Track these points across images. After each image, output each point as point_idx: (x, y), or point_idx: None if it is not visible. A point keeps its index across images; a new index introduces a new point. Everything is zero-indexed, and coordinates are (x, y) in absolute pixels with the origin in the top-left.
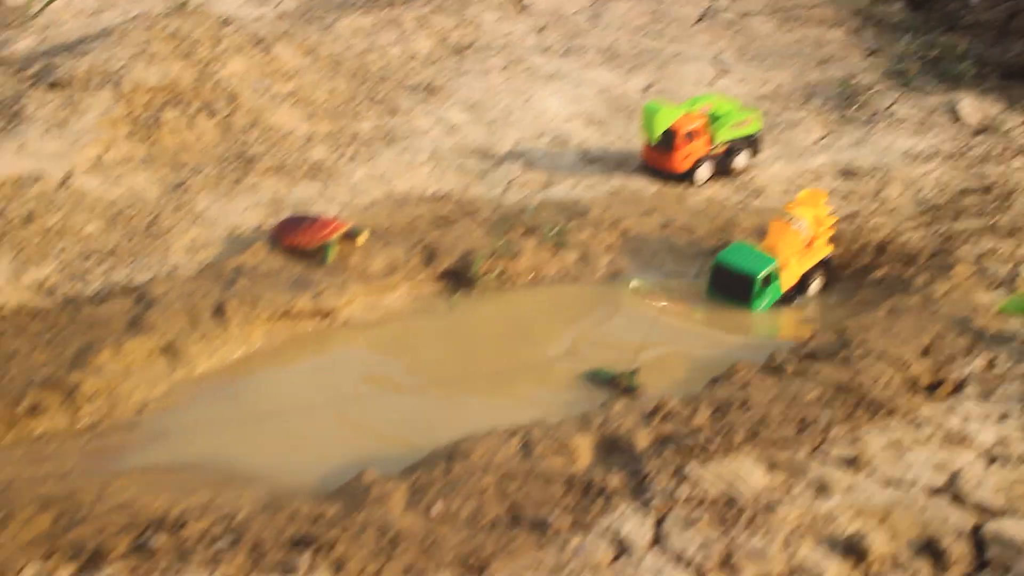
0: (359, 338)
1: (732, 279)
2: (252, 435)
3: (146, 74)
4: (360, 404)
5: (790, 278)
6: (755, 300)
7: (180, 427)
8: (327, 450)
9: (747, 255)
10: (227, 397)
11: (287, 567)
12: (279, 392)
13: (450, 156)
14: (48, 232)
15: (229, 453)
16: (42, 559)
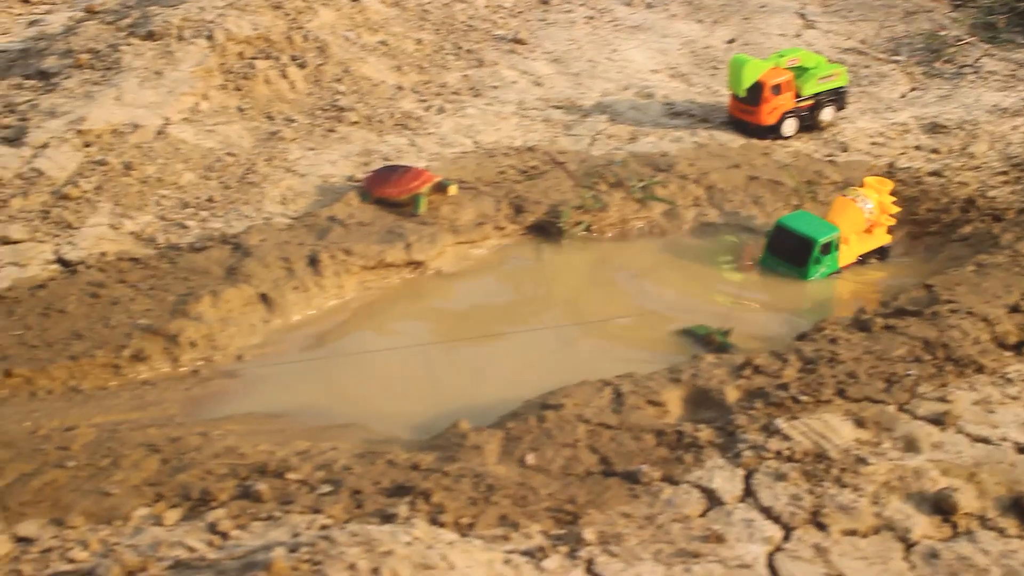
0: (450, 288)
1: (791, 243)
2: (345, 384)
3: (238, 25)
4: (451, 354)
5: (848, 255)
6: (811, 266)
7: (276, 375)
8: (420, 399)
9: (811, 221)
10: (321, 346)
11: (386, 514)
12: (371, 342)
13: (536, 108)
14: (146, 181)
15: (323, 402)
16: (151, 502)
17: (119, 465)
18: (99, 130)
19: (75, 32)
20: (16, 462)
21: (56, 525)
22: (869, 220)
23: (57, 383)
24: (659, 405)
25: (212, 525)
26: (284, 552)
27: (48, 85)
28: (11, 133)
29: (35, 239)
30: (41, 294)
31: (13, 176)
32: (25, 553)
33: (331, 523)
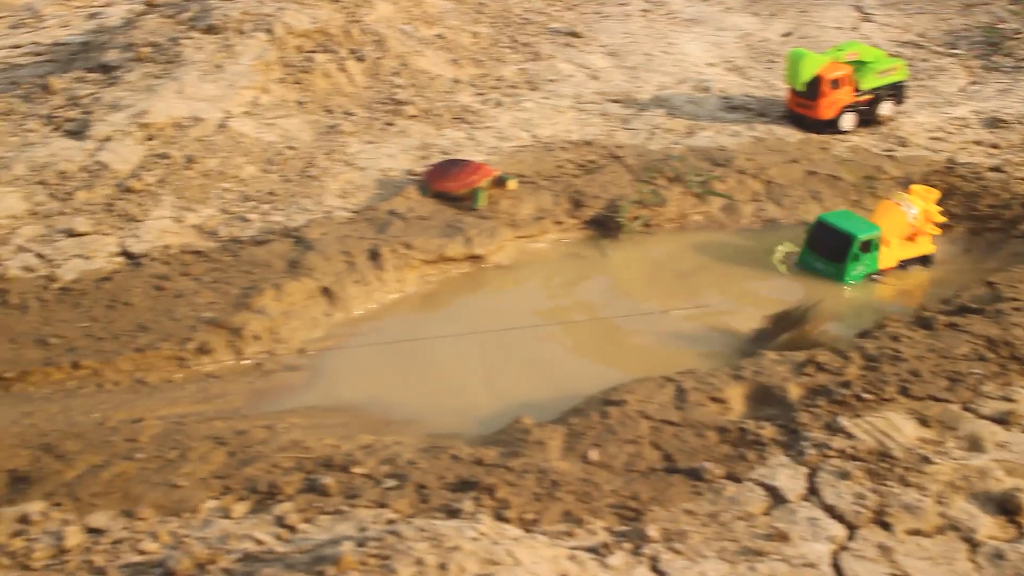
0: (510, 283)
1: (831, 239)
2: (407, 378)
3: (297, 18)
4: (512, 348)
5: (888, 259)
6: (850, 263)
7: (339, 369)
8: (481, 394)
9: (852, 219)
10: (382, 340)
11: (451, 509)
12: (433, 335)
13: (593, 102)
14: (208, 175)
15: (386, 396)
16: (219, 495)
17: (187, 457)
18: (161, 123)
19: (136, 25)
20: (86, 453)
21: (126, 516)
22: (913, 226)
23: (124, 375)
24: (721, 402)
25: (280, 518)
26: (352, 546)
27: (110, 78)
28: (75, 126)
29: (100, 231)
30: (107, 286)
31: (78, 169)
32: (96, 544)
33: (397, 517)
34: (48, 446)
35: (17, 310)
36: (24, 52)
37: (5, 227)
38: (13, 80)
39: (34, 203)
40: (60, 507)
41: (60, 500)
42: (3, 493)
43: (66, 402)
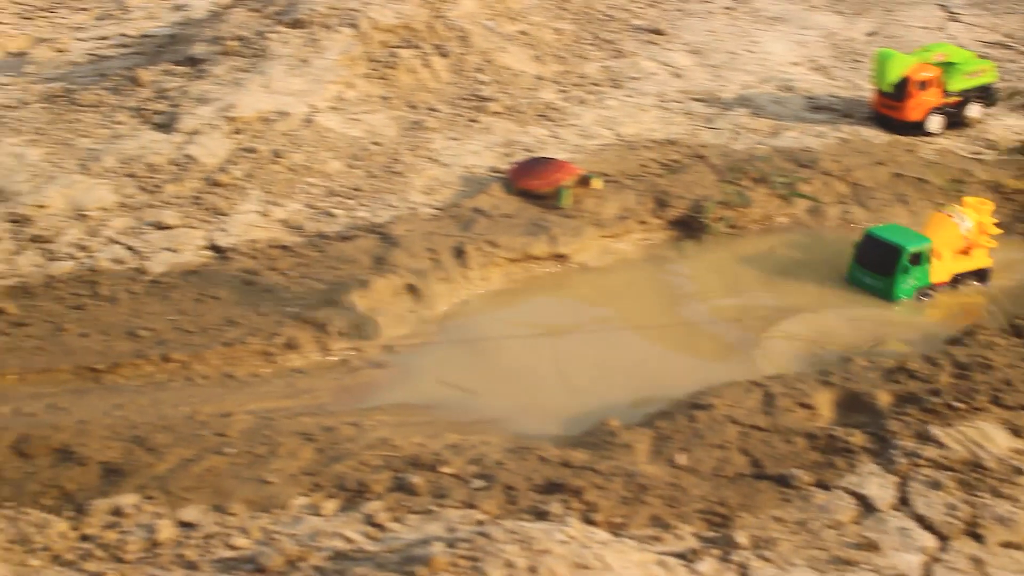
0: (595, 282)
1: (879, 252)
2: (493, 377)
3: (382, 13)
4: (597, 348)
5: (941, 272)
6: (899, 277)
7: (424, 366)
8: (567, 394)
9: (902, 232)
10: (467, 338)
11: (539, 511)
12: (517, 334)
13: (677, 100)
14: (294, 169)
15: (471, 395)
16: (308, 492)
17: (276, 453)
18: (248, 117)
19: (223, 19)
20: (176, 447)
21: (217, 511)
22: (966, 239)
23: (212, 369)
24: (810, 408)
25: (369, 517)
26: (443, 547)
27: (197, 71)
28: (163, 119)
29: (188, 225)
30: (195, 280)
31: (166, 162)
32: (188, 538)
33: (486, 518)
34: (139, 439)
35: (108, 302)
36: (111, 44)
37: (96, 219)
38: (101, 72)
39: (124, 195)
40: (152, 500)
41: (152, 493)
42: (96, 485)
43: (156, 395)
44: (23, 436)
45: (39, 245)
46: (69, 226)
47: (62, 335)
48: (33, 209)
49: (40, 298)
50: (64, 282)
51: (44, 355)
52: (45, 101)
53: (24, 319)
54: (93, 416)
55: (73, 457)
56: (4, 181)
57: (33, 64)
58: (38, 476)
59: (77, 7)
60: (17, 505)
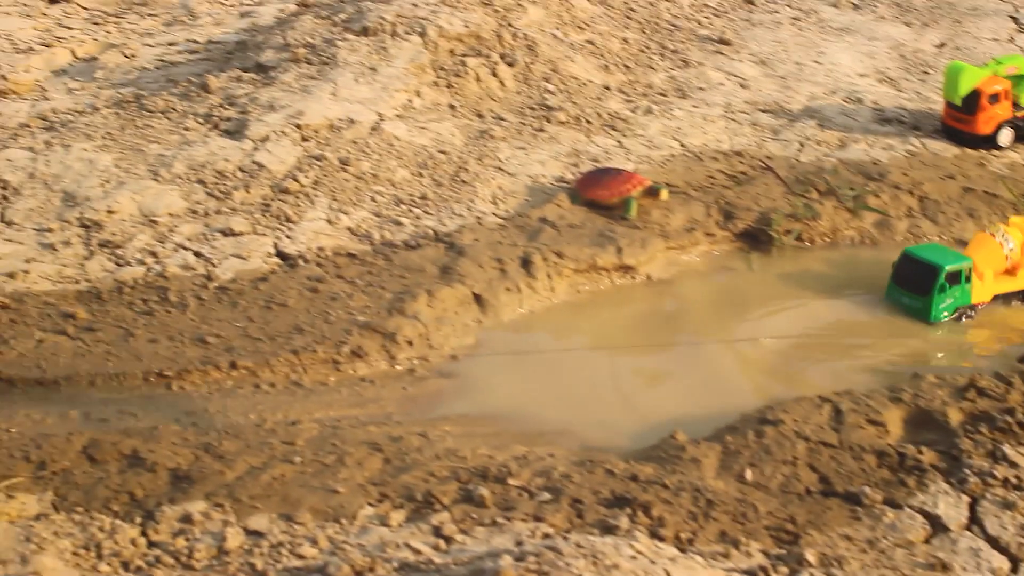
0: (661, 295)
1: (916, 271)
2: (558, 388)
3: (450, 22)
4: (663, 360)
5: (982, 292)
6: (936, 296)
7: (490, 376)
8: (632, 406)
9: (940, 251)
10: (533, 349)
11: (607, 525)
12: (583, 346)
13: (743, 111)
14: (362, 177)
15: (537, 405)
16: (376, 502)
17: (344, 463)
18: (316, 125)
19: (291, 26)
20: (245, 455)
21: (285, 520)
22: (1010, 259)
23: (279, 376)
24: (879, 424)
25: (437, 528)
26: (511, 561)
27: (266, 78)
28: (232, 126)
29: (256, 232)
30: (263, 287)
31: (235, 169)
32: (256, 546)
33: (553, 532)
34: (208, 446)
35: (176, 308)
36: (180, 50)
37: (165, 224)
38: (171, 78)
39: (193, 201)
40: (221, 508)
41: (221, 501)
42: (165, 491)
43: (224, 402)
44: (93, 441)
45: (109, 250)
46: (139, 231)
47: (132, 340)
48: (103, 214)
49: (110, 303)
50: (133, 287)
51: (114, 360)
52: (115, 107)
53: (94, 324)
54: (162, 422)
55: (143, 463)
56: (75, 186)
57: (103, 69)
58: (108, 481)
59: (146, 13)
60: (87, 510)
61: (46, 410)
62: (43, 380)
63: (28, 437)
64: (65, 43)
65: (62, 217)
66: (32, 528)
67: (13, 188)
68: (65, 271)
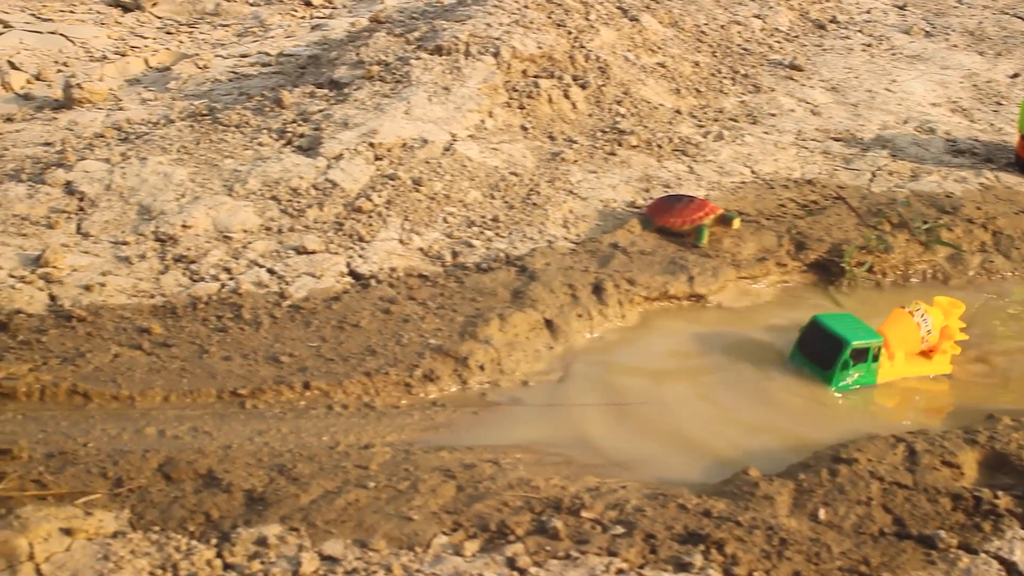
0: (732, 324)
1: (821, 342)
2: (628, 418)
3: (523, 43)
4: (735, 393)
5: (890, 373)
6: (837, 372)
7: (560, 404)
8: (703, 440)
9: (850, 323)
10: (603, 377)
11: (680, 563)
12: (653, 375)
13: (815, 139)
14: (434, 198)
15: (607, 435)
16: (449, 531)
17: (417, 489)
18: (390, 144)
19: (365, 43)
20: (319, 478)
21: (360, 546)
22: (927, 341)
23: (352, 398)
24: (955, 466)
25: (511, 560)
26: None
27: (340, 95)
28: (305, 142)
29: (329, 250)
30: (336, 306)
31: (309, 186)
32: (331, 572)
33: (627, 567)
34: (282, 467)
35: (250, 325)
36: (252, 62)
37: (239, 240)
38: (244, 91)
39: (267, 218)
40: (296, 532)
41: (296, 525)
42: (240, 513)
43: (297, 422)
44: (169, 459)
45: (184, 265)
46: (213, 247)
47: (206, 357)
48: (179, 229)
49: (184, 319)
50: (208, 303)
51: (188, 377)
52: (189, 119)
53: (168, 339)
54: (236, 442)
55: (218, 483)
56: (151, 199)
57: (176, 80)
58: (184, 501)
59: (217, 23)
60: (163, 529)
61: (122, 425)
62: (118, 395)
63: (105, 453)
64: (138, 52)
65: (138, 230)
66: (109, 546)
67: (90, 200)
68: (140, 285)
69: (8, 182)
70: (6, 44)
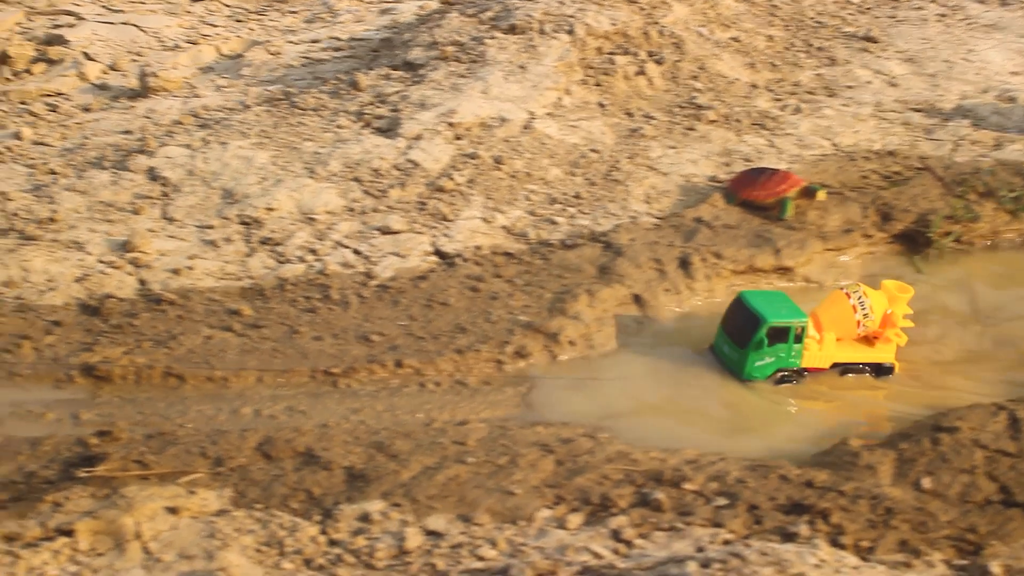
0: (818, 296)
1: (741, 319)
2: (721, 391)
3: (597, 20)
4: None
5: (818, 358)
6: (751, 353)
7: (652, 378)
8: (799, 410)
9: (777, 302)
10: (692, 350)
11: (786, 532)
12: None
13: (894, 110)
14: (515, 176)
15: (701, 407)
16: (552, 504)
17: (517, 464)
18: (468, 123)
19: (438, 24)
20: (417, 454)
21: (463, 521)
22: (863, 326)
23: (444, 376)
24: None
25: (615, 532)
26: (697, 567)
27: (415, 76)
28: (384, 124)
29: (413, 230)
30: (423, 285)
31: (390, 167)
32: (436, 547)
33: (733, 538)
34: (380, 444)
35: (339, 305)
36: (323, 47)
37: (324, 222)
38: (317, 75)
39: (350, 199)
40: (398, 508)
41: (398, 500)
42: (342, 490)
43: (391, 400)
44: (266, 438)
45: (269, 247)
46: (298, 229)
47: (296, 338)
48: (263, 212)
49: (273, 300)
50: (295, 285)
51: (281, 357)
52: (266, 104)
53: (259, 321)
54: (332, 420)
55: (317, 461)
56: (233, 183)
57: (249, 66)
58: (284, 479)
59: (286, 10)
60: (266, 507)
61: (217, 406)
62: (212, 376)
63: (203, 433)
64: (210, 40)
65: (222, 214)
66: (214, 524)
67: (173, 185)
68: (227, 268)
69: (91, 169)
70: (80, 36)
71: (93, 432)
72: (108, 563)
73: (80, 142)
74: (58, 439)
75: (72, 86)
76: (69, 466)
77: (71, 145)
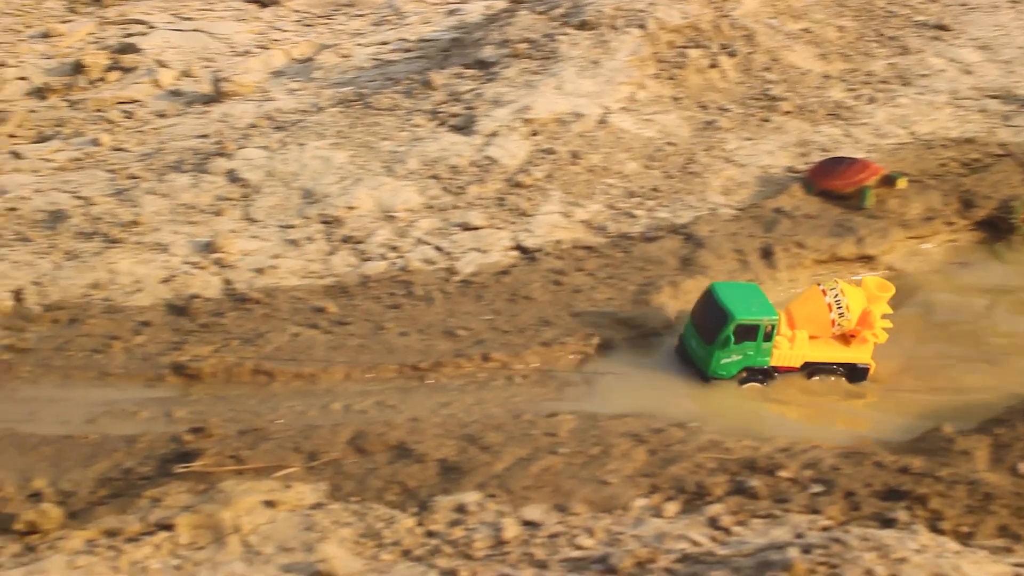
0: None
1: (710, 314)
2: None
3: (668, 14)
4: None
5: (789, 356)
6: (717, 350)
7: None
8: (890, 397)
9: (748, 296)
10: None
11: (884, 518)
12: None
13: (970, 97)
14: (592, 170)
15: (788, 397)
16: (647, 493)
17: (609, 454)
18: (544, 119)
19: (508, 22)
20: (510, 446)
21: (559, 511)
22: (838, 324)
23: (531, 368)
24: None
25: (713, 520)
26: (798, 553)
27: (488, 74)
28: (460, 121)
29: (493, 226)
30: (506, 280)
31: (468, 164)
32: (533, 537)
33: (831, 524)
34: (472, 437)
35: (423, 301)
36: (393, 48)
37: (404, 220)
38: (389, 76)
39: (429, 197)
40: (494, 498)
41: (493, 491)
42: (436, 482)
43: (479, 393)
44: (359, 432)
45: (351, 245)
46: (379, 227)
47: (383, 334)
48: (343, 210)
49: (357, 297)
50: (379, 281)
51: (368, 353)
52: (340, 105)
53: (344, 318)
54: (422, 414)
55: (410, 454)
56: (313, 183)
57: (320, 69)
58: (378, 472)
59: (353, 13)
60: (362, 500)
61: (307, 402)
62: (301, 373)
63: (295, 428)
64: (279, 45)
65: (303, 214)
66: (311, 517)
67: (253, 186)
68: (311, 266)
69: (171, 173)
70: (152, 44)
71: (187, 429)
72: (209, 556)
73: (158, 147)
74: (153, 436)
75: (146, 93)
76: (165, 462)
77: (149, 150)
